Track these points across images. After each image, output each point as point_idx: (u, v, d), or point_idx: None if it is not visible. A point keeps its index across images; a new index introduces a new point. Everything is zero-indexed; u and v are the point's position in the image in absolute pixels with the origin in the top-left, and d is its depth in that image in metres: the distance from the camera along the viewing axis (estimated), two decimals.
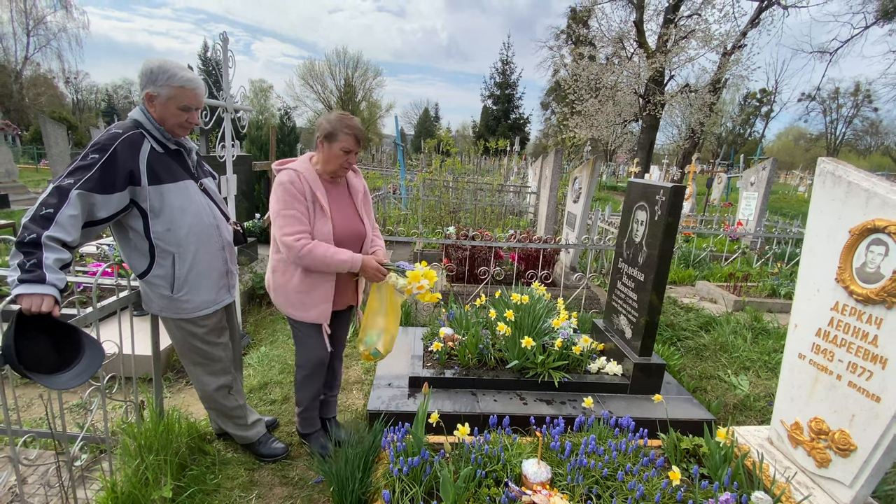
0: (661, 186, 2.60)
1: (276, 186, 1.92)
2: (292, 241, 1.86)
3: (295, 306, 2.02)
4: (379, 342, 2.17)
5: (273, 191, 1.93)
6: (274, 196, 1.92)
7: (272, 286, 2.09)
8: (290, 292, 2.01)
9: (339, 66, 40.73)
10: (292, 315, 2.06)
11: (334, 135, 1.92)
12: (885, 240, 1.50)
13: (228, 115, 3.15)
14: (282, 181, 1.90)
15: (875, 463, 1.55)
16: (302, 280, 1.98)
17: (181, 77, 1.72)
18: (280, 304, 2.07)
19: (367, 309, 2.19)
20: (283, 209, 1.88)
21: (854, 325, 1.59)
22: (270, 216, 1.94)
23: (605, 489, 1.73)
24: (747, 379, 3.21)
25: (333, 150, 1.94)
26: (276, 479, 2.14)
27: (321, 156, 1.98)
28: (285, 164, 2.00)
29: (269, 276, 2.11)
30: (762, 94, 38.80)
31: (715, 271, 5.79)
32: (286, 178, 1.91)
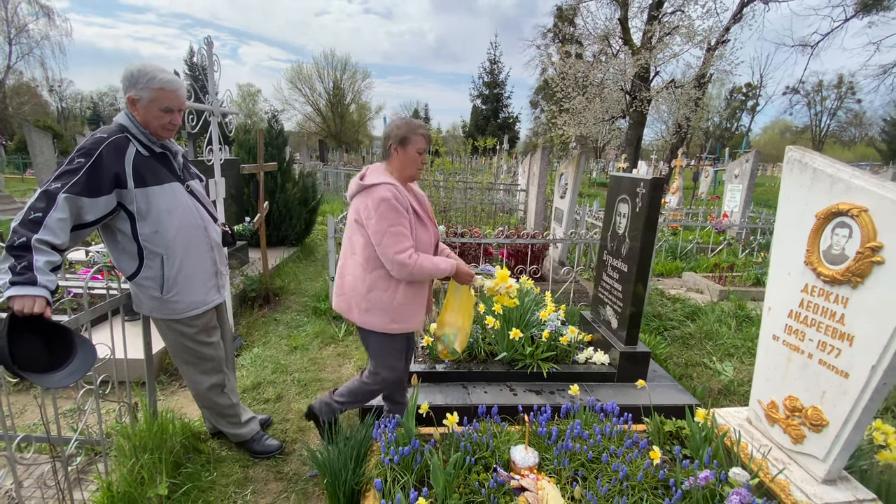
0: (641, 179, 2.67)
1: (378, 203, 1.82)
2: (405, 259, 1.84)
3: (397, 320, 1.97)
4: (456, 341, 2.25)
5: (374, 207, 1.83)
6: (377, 213, 1.82)
7: (365, 307, 1.95)
8: (394, 307, 1.95)
9: (327, 68, 40.60)
10: (392, 330, 1.98)
11: (408, 138, 1.92)
12: (849, 222, 1.57)
13: (215, 118, 3.17)
14: (386, 197, 1.82)
15: (846, 437, 1.62)
16: (405, 293, 1.96)
17: (161, 79, 1.75)
18: (376, 322, 1.97)
19: (444, 309, 2.26)
20: (391, 226, 1.83)
21: (822, 306, 1.66)
22: (372, 235, 1.85)
23: (590, 471, 1.79)
24: (731, 365, 3.30)
25: (409, 153, 1.94)
26: (270, 475, 2.18)
27: (398, 163, 1.95)
28: (376, 180, 1.88)
29: (357, 298, 1.97)
30: (747, 89, 39.33)
31: (701, 262, 5.90)
32: (390, 193, 1.83)
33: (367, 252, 1.92)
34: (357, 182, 1.94)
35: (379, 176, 1.91)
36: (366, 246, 1.92)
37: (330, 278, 4.26)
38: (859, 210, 1.52)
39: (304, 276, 5.53)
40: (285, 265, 5.63)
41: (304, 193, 6.52)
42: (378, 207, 1.82)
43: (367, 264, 1.93)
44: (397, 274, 1.88)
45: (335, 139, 39.41)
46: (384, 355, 2.08)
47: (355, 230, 1.96)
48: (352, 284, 1.99)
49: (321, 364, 3.36)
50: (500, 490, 1.69)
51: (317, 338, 3.78)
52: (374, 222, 1.84)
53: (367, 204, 1.85)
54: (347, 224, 2.04)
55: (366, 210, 1.86)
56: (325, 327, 3.97)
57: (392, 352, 2.07)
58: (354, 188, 1.95)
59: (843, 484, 1.72)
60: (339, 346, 3.67)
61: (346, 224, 2.08)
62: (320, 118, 41.62)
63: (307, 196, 6.61)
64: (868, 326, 1.51)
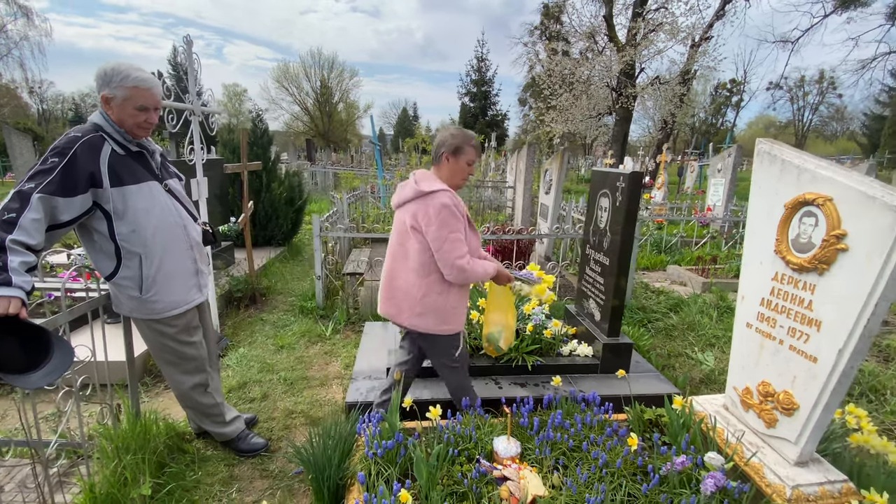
0: (621, 174, 2.71)
1: (440, 209, 1.86)
2: (464, 264, 1.89)
3: (449, 321, 2.02)
4: (501, 338, 2.33)
5: (436, 214, 1.86)
6: (438, 219, 1.86)
7: (419, 311, 1.99)
8: (447, 310, 2.00)
9: (314, 67, 40.30)
10: (444, 331, 2.02)
11: (461, 148, 1.97)
12: (815, 211, 1.62)
13: (195, 118, 3.15)
14: (447, 204, 1.87)
15: (816, 419, 1.67)
16: (457, 296, 2.02)
17: (135, 77, 1.73)
18: (427, 325, 2.00)
19: (487, 309, 2.34)
20: (451, 232, 1.87)
21: (792, 293, 1.71)
22: (432, 241, 1.88)
23: (570, 460, 1.82)
24: (713, 354, 3.36)
25: (460, 163, 1.99)
26: (255, 473, 2.18)
27: (447, 171, 2.00)
28: (434, 187, 1.92)
29: (409, 303, 2.00)
30: (732, 84, 39.83)
31: (685, 256, 5.99)
32: (450, 200, 1.89)
33: (423, 258, 1.95)
34: (413, 188, 1.95)
35: (434, 182, 1.94)
36: (421, 252, 1.95)
37: (317, 277, 4.26)
38: (825, 199, 1.57)
39: (291, 275, 5.51)
40: (272, 265, 5.60)
41: (290, 193, 6.49)
42: (439, 214, 1.86)
43: (422, 269, 1.96)
44: (454, 278, 1.92)
45: (323, 138, 39.17)
46: (441, 358, 2.14)
47: (409, 236, 1.97)
48: (405, 289, 2.01)
49: (308, 363, 3.36)
50: (482, 480, 1.72)
51: (303, 336, 3.77)
52: (434, 228, 1.87)
53: (428, 211, 1.88)
54: (397, 230, 2.06)
55: (425, 217, 1.89)
56: (312, 326, 3.96)
57: (447, 352, 2.12)
58: (409, 194, 1.96)
59: (815, 466, 1.77)
60: (326, 344, 3.67)
61: (393, 229, 2.11)
62: (308, 117, 41.33)
63: (293, 196, 6.58)
64: (834, 312, 1.56)
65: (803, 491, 1.65)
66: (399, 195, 2.02)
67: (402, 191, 2.02)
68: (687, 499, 1.61)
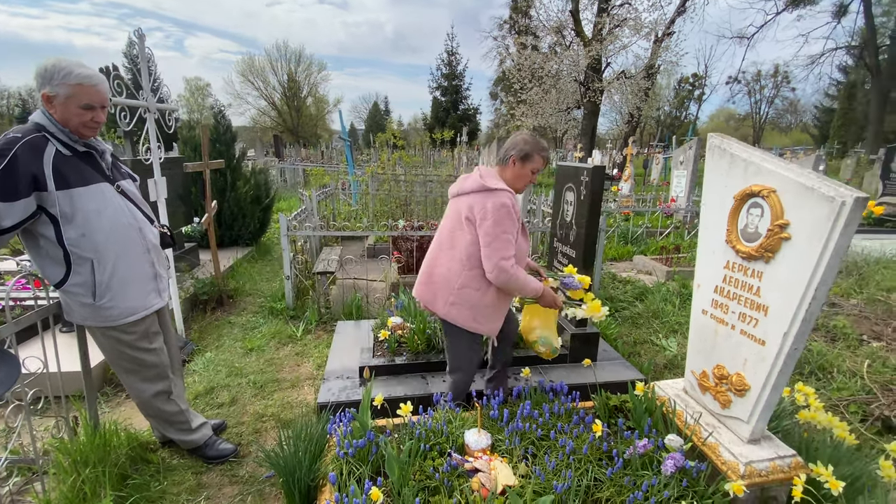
0: (584, 168, 2.78)
1: (499, 207, 1.90)
2: (508, 266, 1.91)
3: (479, 319, 2.05)
4: (553, 339, 2.31)
5: (493, 211, 1.90)
6: (494, 216, 1.90)
7: (452, 300, 2.03)
8: (481, 307, 2.03)
9: (280, 60, 39.26)
10: (472, 328, 2.06)
11: (530, 155, 2.01)
12: (761, 202, 1.70)
13: (151, 115, 3.03)
14: (507, 204, 1.91)
15: (766, 399, 1.77)
16: (495, 297, 2.04)
17: (78, 74, 1.65)
18: (459, 317, 2.05)
19: (530, 316, 2.34)
20: (504, 232, 1.91)
21: (741, 280, 1.80)
22: (482, 235, 1.91)
23: (539, 448, 1.87)
24: (675, 340, 3.50)
25: (525, 169, 2.04)
26: (224, 480, 2.14)
27: (511, 174, 2.03)
28: (498, 185, 1.96)
29: (445, 291, 2.05)
30: (694, 79, 41.21)
31: (651, 245, 6.19)
32: (509, 200, 1.93)
33: (471, 250, 1.98)
34: (477, 181, 1.98)
35: (498, 181, 1.98)
36: (470, 244, 1.98)
37: (286, 277, 4.18)
38: (769, 191, 1.65)
39: (259, 276, 5.39)
40: (239, 266, 5.47)
41: (256, 191, 6.33)
42: (497, 212, 1.90)
43: (468, 262, 2.00)
44: (495, 278, 1.94)
45: (292, 134, 38.28)
46: (460, 354, 2.19)
47: (461, 226, 2.01)
48: (444, 277, 2.05)
49: (278, 365, 3.30)
50: (454, 473, 1.74)
51: (273, 338, 3.71)
52: (489, 224, 1.90)
53: (486, 206, 1.91)
54: (450, 218, 2.10)
55: (482, 210, 1.92)
56: (282, 327, 3.90)
57: (468, 350, 2.16)
58: (471, 186, 1.99)
59: (767, 443, 1.88)
60: (297, 345, 3.62)
61: (445, 218, 2.15)
62: (275, 112, 40.29)
63: (260, 194, 6.42)
64: (779, 297, 1.65)
65: (755, 467, 1.74)
66: (459, 185, 2.06)
67: (462, 182, 2.05)
68: (649, 480, 1.68)
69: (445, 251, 2.08)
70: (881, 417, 2.60)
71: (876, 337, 3.53)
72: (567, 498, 1.62)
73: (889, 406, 2.64)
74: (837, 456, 1.87)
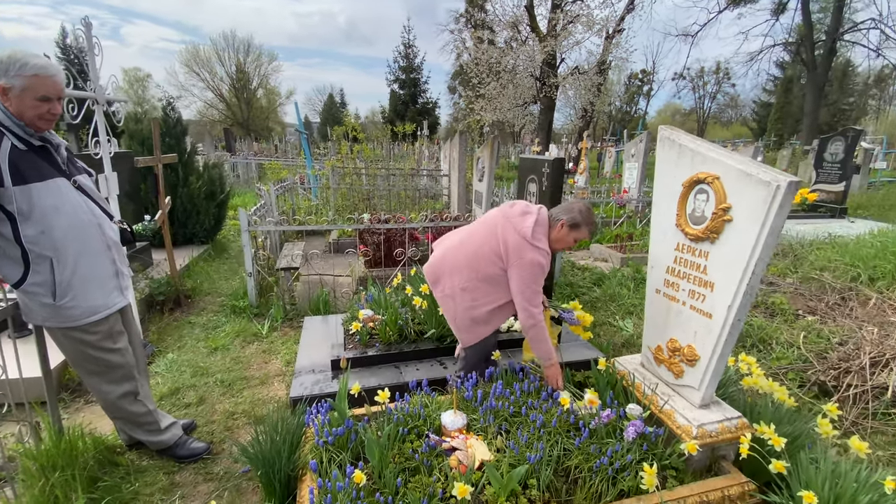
0: (545, 160, 2.90)
1: (533, 265, 2.07)
2: (537, 312, 2.10)
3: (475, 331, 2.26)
4: None
5: (528, 266, 2.07)
6: (528, 271, 2.08)
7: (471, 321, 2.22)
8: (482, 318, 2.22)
9: (227, 50, 37.41)
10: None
11: (579, 227, 2.16)
12: (706, 188, 1.87)
13: (100, 107, 2.87)
14: (541, 263, 2.08)
15: (713, 367, 1.96)
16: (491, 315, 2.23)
17: (34, 65, 1.58)
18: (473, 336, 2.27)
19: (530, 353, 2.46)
20: (534, 284, 2.09)
21: (690, 260, 1.97)
22: (514, 281, 2.10)
23: (512, 425, 1.97)
24: (631, 321, 3.73)
25: (570, 236, 2.18)
26: (199, 478, 2.11)
27: (556, 235, 2.17)
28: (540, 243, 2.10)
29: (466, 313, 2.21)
30: (643, 75, 42.99)
31: (606, 235, 6.50)
32: (544, 260, 2.10)
33: (490, 271, 2.16)
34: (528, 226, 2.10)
35: (542, 239, 2.13)
36: (491, 262, 2.15)
37: (248, 274, 4.09)
38: (713, 178, 1.82)
39: (218, 274, 5.22)
40: (196, 264, 5.26)
41: (210, 186, 6.08)
42: (532, 268, 2.08)
43: (491, 288, 2.18)
44: (524, 321, 2.12)
45: (243, 127, 36.74)
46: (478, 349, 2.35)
47: (494, 238, 2.15)
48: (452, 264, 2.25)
49: (245, 363, 3.24)
50: (432, 453, 1.81)
51: (238, 336, 3.63)
52: (523, 274, 2.09)
53: (523, 258, 2.08)
54: (485, 223, 2.26)
55: (518, 259, 2.09)
56: (247, 325, 3.82)
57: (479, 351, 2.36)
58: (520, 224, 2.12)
59: (715, 407, 2.07)
60: (264, 342, 3.56)
61: (482, 220, 2.33)
62: (224, 105, 38.45)
63: (214, 189, 6.17)
64: (723, 274, 1.83)
65: (706, 429, 1.93)
66: (513, 210, 2.19)
67: (517, 214, 2.17)
68: (613, 446, 1.82)
69: (468, 246, 2.23)
70: (817, 382, 2.89)
71: (811, 311, 3.89)
72: (540, 468, 1.73)
73: (824, 372, 2.92)
74: (779, 417, 2.08)
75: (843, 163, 8.16)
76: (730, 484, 1.83)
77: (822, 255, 5.07)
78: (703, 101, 45.46)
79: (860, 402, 2.58)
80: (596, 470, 1.75)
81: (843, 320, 3.55)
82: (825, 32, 22.28)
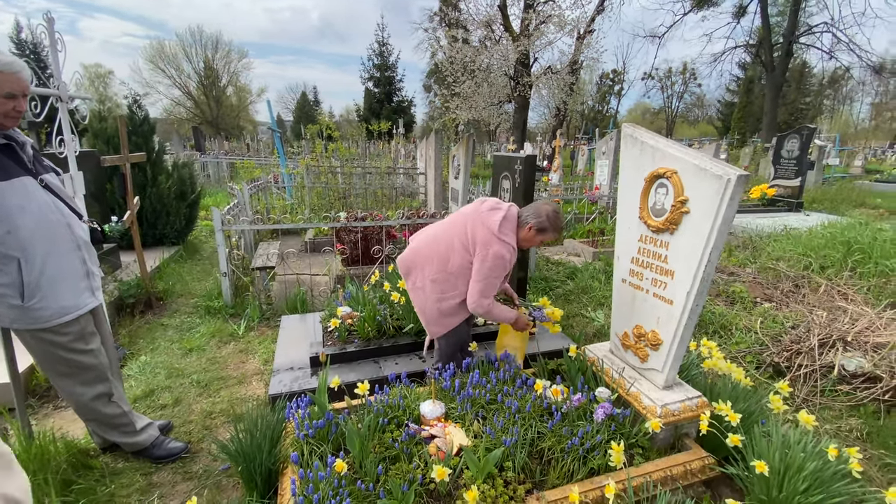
0: (518, 157, 2.99)
1: (496, 257, 2.12)
2: (487, 304, 2.19)
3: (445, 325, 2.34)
4: (519, 356, 2.52)
5: (492, 257, 2.12)
6: (490, 262, 2.13)
7: (439, 312, 2.29)
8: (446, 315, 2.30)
9: (195, 46, 36.35)
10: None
11: (545, 231, 2.23)
12: (666, 182, 1.98)
13: (63, 104, 2.79)
14: (504, 256, 2.14)
15: (675, 351, 2.08)
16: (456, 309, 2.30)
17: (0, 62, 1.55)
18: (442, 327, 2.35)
19: (500, 333, 2.60)
20: (492, 276, 2.15)
21: (652, 250, 2.09)
22: (475, 271, 2.15)
23: (489, 411, 2.05)
24: (602, 312, 3.87)
25: (537, 238, 2.26)
26: (177, 477, 2.10)
27: (524, 235, 2.24)
28: (506, 237, 2.16)
29: (434, 305, 2.28)
30: (614, 75, 44.01)
31: (579, 230, 6.68)
32: (507, 254, 2.16)
33: (461, 260, 2.21)
34: (495, 221, 2.16)
35: (510, 234, 2.20)
36: (463, 254, 2.21)
37: (222, 274, 4.04)
38: (672, 172, 1.93)
39: (190, 275, 5.12)
40: (167, 266, 5.15)
41: (180, 186, 5.95)
42: (495, 260, 2.13)
43: (452, 281, 2.24)
44: (474, 309, 2.21)
45: (212, 126, 35.75)
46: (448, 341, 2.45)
47: (462, 232, 2.22)
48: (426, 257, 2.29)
49: (222, 363, 3.22)
50: (412, 442, 1.87)
51: (213, 337, 3.59)
52: (485, 266, 2.14)
53: (488, 250, 2.14)
54: (453, 220, 2.32)
55: (483, 250, 2.15)
56: (222, 326, 3.78)
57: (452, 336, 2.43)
58: (488, 219, 2.18)
59: (678, 388, 2.20)
60: (240, 342, 3.54)
61: (454, 215, 2.37)
62: (192, 102, 37.37)
63: (185, 189, 6.04)
64: (682, 262, 1.95)
65: (670, 408, 2.05)
66: (483, 206, 2.26)
67: (485, 206, 2.25)
68: (583, 428, 1.92)
69: (441, 245, 2.28)
70: (772, 364, 3.08)
71: (767, 299, 4.13)
72: (515, 450, 1.81)
73: (778, 354, 3.12)
74: (735, 395, 2.22)
75: (799, 159, 8.61)
76: (691, 459, 1.95)
77: (779, 246, 5.36)
78: (671, 100, 46.90)
79: (810, 380, 2.78)
80: (568, 450, 1.85)
81: (795, 306, 3.78)
82: (782, 35, 23.31)
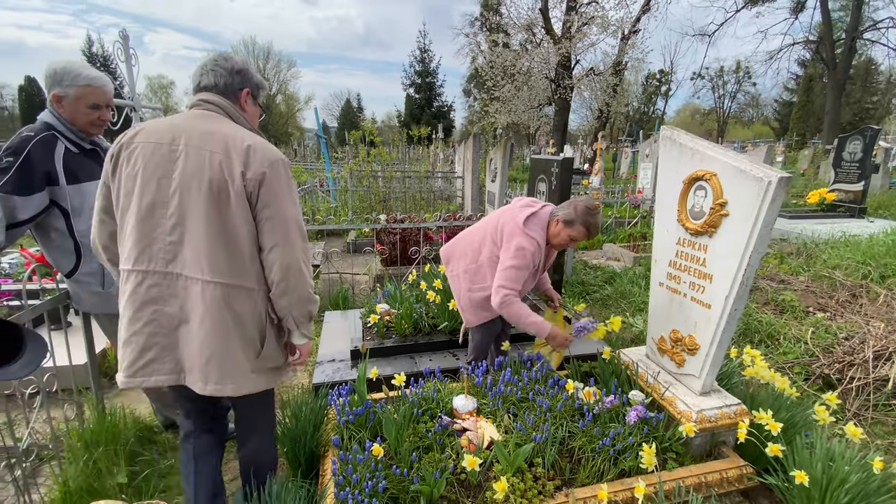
0: (555, 160, 3.02)
1: (522, 249, 2.14)
2: (509, 298, 2.14)
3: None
4: (552, 360, 2.50)
5: (516, 248, 2.14)
6: (516, 254, 2.14)
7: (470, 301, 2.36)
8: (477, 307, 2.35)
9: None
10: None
11: (573, 223, 2.17)
12: (705, 185, 1.96)
13: (136, 114, 3.10)
14: (524, 247, 2.14)
15: (713, 356, 2.04)
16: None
17: (86, 76, 1.77)
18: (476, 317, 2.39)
19: None
20: (518, 270, 2.15)
21: (691, 254, 2.07)
22: (501, 260, 2.19)
23: (520, 409, 2.09)
24: (642, 318, 3.80)
25: (565, 232, 2.21)
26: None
27: (553, 231, 2.24)
28: (533, 232, 2.18)
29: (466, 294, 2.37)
30: (661, 75, 42.49)
31: (619, 234, 6.54)
32: (533, 248, 2.16)
33: (486, 257, 2.29)
34: (522, 217, 2.21)
35: (537, 228, 2.21)
36: (488, 257, 2.29)
37: None
38: (711, 175, 1.91)
39: None
40: None
41: None
42: (519, 251, 2.15)
43: (483, 274, 2.31)
44: (495, 302, 2.17)
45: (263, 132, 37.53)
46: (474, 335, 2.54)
47: (493, 234, 2.28)
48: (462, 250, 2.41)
49: None
50: (444, 433, 1.95)
51: None
52: (508, 256, 2.17)
53: (513, 241, 2.17)
54: (489, 221, 2.37)
55: (509, 242, 2.18)
56: None
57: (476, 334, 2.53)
58: (518, 214, 2.23)
59: (716, 394, 2.16)
60: None
61: (491, 216, 2.41)
62: None
63: None
64: (721, 266, 1.92)
65: (706, 414, 2.01)
66: (518, 203, 2.32)
67: (519, 203, 2.31)
68: (615, 429, 1.92)
69: (476, 243, 2.36)
70: (822, 376, 2.93)
71: (821, 308, 3.90)
72: (545, 447, 1.85)
73: (829, 366, 2.95)
74: (778, 405, 2.15)
75: (862, 162, 8.02)
76: (728, 467, 1.91)
77: (836, 253, 5.03)
78: (722, 100, 44.65)
79: (862, 393, 2.62)
80: (598, 451, 1.86)
81: (851, 316, 3.55)
82: (845, 31, 21.76)
